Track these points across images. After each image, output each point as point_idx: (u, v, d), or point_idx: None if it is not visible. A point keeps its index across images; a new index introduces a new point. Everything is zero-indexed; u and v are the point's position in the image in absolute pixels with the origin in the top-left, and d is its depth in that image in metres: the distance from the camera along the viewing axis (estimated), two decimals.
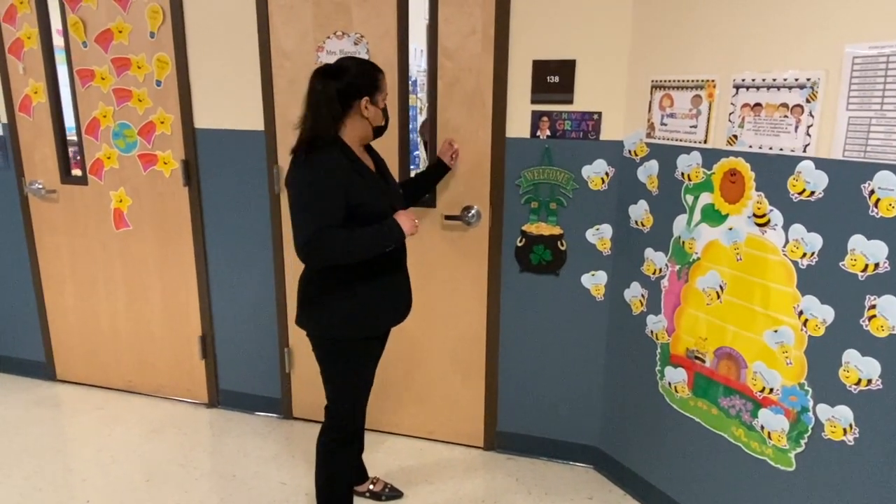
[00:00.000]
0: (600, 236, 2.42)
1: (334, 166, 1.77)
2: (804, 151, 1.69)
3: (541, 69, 2.33)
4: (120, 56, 2.81)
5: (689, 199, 2.06)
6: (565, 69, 2.30)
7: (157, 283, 3.06)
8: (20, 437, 2.86)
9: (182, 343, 3.11)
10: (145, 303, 3.12)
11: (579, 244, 2.44)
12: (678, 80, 2.04)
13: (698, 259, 2.05)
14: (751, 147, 1.84)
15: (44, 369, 3.41)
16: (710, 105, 1.95)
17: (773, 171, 1.78)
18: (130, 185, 2.97)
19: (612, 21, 2.23)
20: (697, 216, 2.04)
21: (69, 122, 3.04)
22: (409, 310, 2.09)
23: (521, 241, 2.51)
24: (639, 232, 2.29)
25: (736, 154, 1.89)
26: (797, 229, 1.74)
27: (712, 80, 1.93)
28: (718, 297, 2.00)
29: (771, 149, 1.78)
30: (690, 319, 2.11)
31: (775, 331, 1.82)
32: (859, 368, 1.65)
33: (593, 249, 2.44)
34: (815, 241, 1.70)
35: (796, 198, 1.73)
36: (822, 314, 1.70)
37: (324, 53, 2.54)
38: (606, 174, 2.36)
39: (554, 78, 2.32)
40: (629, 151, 2.28)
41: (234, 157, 2.77)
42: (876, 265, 1.58)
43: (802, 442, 1.80)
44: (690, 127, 2.02)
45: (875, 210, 1.57)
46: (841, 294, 1.66)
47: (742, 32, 1.83)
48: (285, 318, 2.89)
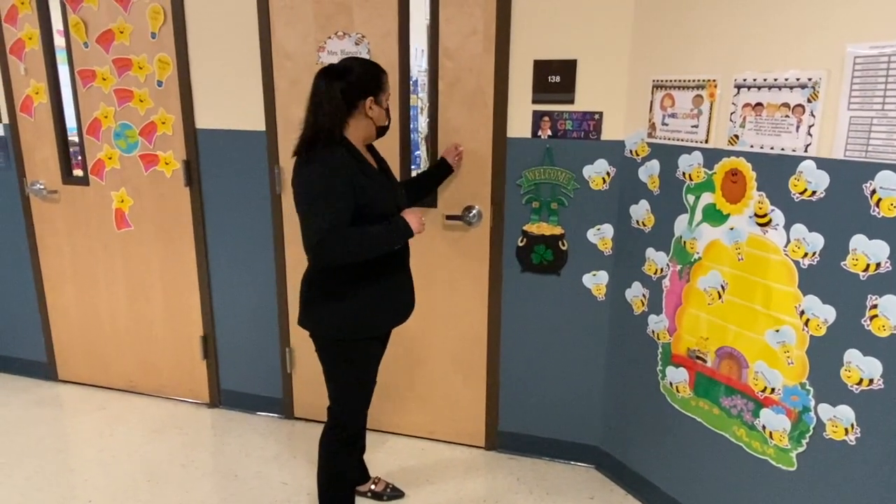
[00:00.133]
0: (601, 236, 2.42)
1: (341, 165, 1.77)
2: (805, 151, 1.69)
3: (542, 69, 2.33)
4: (121, 56, 2.82)
5: (691, 198, 2.06)
6: (566, 69, 2.30)
7: (159, 284, 3.07)
8: (22, 437, 2.87)
9: (183, 343, 3.11)
10: (147, 303, 3.12)
11: (580, 244, 2.45)
12: (679, 80, 2.04)
13: (699, 259, 2.05)
14: (752, 147, 1.84)
15: (45, 369, 3.41)
16: (711, 105, 1.95)
17: (775, 170, 1.78)
18: (132, 185, 2.98)
19: (613, 21, 2.23)
20: (699, 216, 2.04)
21: (70, 122, 3.04)
22: (412, 310, 2.09)
23: (522, 241, 2.51)
24: (640, 232, 2.29)
25: (737, 154, 1.89)
26: (798, 229, 1.74)
27: (713, 80, 1.93)
28: (720, 297, 2.00)
29: (772, 149, 1.78)
30: (692, 319, 2.11)
31: (777, 330, 1.82)
32: (861, 368, 1.65)
33: (594, 249, 2.44)
34: (817, 241, 1.70)
35: (798, 198, 1.73)
36: (824, 314, 1.70)
37: (325, 54, 2.54)
38: (608, 174, 2.36)
39: (555, 78, 2.32)
40: (630, 151, 2.28)
41: (236, 158, 2.78)
42: (877, 265, 1.58)
43: (804, 442, 1.80)
44: (692, 127, 2.02)
45: (876, 210, 1.57)
46: (842, 294, 1.66)
47: (743, 32, 1.83)
48: (286, 318, 2.90)
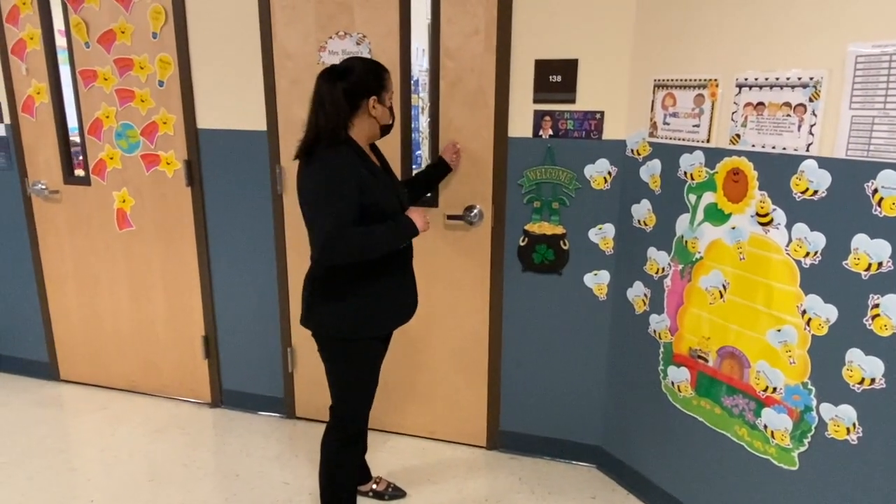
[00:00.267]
0: (603, 236, 2.42)
1: (346, 165, 1.77)
2: (807, 150, 1.69)
3: (543, 69, 2.33)
4: (122, 56, 2.82)
5: (692, 198, 2.06)
6: (568, 69, 2.30)
7: (160, 284, 3.07)
8: (24, 437, 2.87)
9: (185, 343, 3.11)
10: (148, 303, 3.12)
11: (582, 244, 2.45)
12: (681, 80, 2.04)
13: (701, 258, 2.05)
14: (753, 146, 1.83)
15: (47, 369, 3.42)
16: (712, 104, 1.95)
17: (776, 170, 1.78)
18: (133, 185, 2.98)
19: (614, 20, 2.23)
20: (700, 215, 2.04)
21: (72, 122, 3.04)
22: (415, 311, 2.09)
23: (523, 241, 2.51)
24: (641, 231, 2.29)
25: (739, 153, 1.88)
26: (800, 228, 1.73)
27: (715, 80, 1.93)
28: (721, 297, 2.00)
29: (774, 148, 1.78)
30: (693, 319, 2.11)
31: (778, 330, 1.82)
32: (863, 367, 1.65)
33: (596, 249, 2.44)
34: (819, 241, 1.70)
35: (799, 197, 1.73)
36: (826, 313, 1.70)
37: (326, 53, 2.54)
38: (609, 173, 2.36)
39: (556, 77, 2.32)
40: (632, 151, 2.28)
41: (237, 158, 2.78)
42: (879, 264, 1.58)
43: (806, 441, 1.80)
44: (693, 126, 2.02)
45: (878, 209, 1.57)
46: (844, 293, 1.66)
47: (744, 32, 1.83)
48: (288, 317, 2.90)
